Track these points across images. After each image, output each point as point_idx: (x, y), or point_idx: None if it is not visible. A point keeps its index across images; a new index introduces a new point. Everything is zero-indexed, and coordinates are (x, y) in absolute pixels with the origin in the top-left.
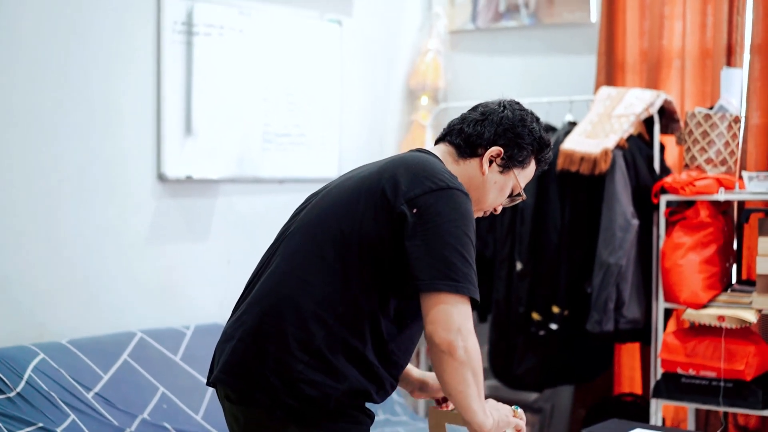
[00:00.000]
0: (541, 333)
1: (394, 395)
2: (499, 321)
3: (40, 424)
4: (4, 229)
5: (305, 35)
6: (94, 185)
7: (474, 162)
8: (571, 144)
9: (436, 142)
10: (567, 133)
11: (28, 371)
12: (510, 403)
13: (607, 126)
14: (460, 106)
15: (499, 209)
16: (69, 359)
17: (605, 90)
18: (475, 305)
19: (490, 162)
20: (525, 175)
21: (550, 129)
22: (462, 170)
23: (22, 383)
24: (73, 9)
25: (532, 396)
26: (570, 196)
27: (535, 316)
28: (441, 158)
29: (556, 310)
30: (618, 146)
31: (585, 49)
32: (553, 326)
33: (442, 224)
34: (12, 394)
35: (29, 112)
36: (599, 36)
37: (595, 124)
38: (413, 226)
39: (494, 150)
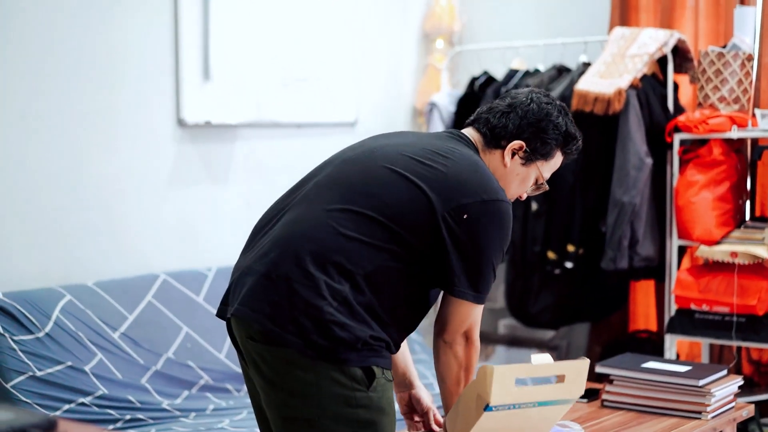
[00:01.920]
0: (557, 272)
1: (413, 334)
2: (516, 260)
3: (69, 363)
4: (29, 175)
5: None
6: (115, 131)
7: (497, 153)
8: (585, 84)
9: (465, 126)
10: (581, 73)
11: (56, 312)
12: (526, 342)
13: (621, 66)
14: (475, 48)
15: (524, 196)
16: (95, 300)
17: (619, 30)
18: None
19: (513, 154)
20: (550, 166)
21: (565, 70)
22: (487, 160)
23: (50, 324)
24: None
25: (549, 334)
26: (584, 136)
27: (551, 255)
28: (473, 143)
29: (571, 248)
30: (632, 86)
31: None
32: (569, 265)
33: (487, 239)
34: (41, 335)
35: (49, 58)
36: None
37: (609, 64)
38: (459, 233)
39: (516, 144)
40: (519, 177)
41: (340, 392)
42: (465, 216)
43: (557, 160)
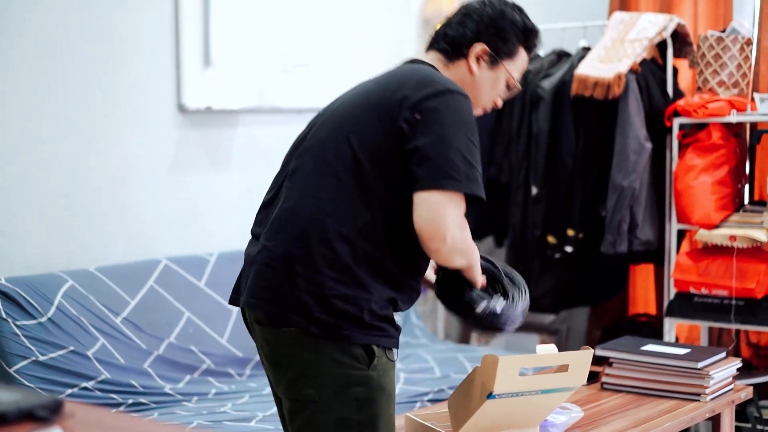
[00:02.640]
0: (557, 256)
1: (413, 319)
2: (516, 245)
3: (72, 348)
4: (30, 159)
5: None
6: (116, 116)
7: (462, 63)
8: (585, 69)
9: (426, 51)
10: (581, 58)
11: (58, 297)
12: (526, 326)
13: (621, 51)
14: None
15: (500, 103)
16: (97, 285)
17: (619, 15)
18: (480, 202)
19: (478, 60)
20: (516, 66)
21: (565, 55)
22: (453, 74)
23: (53, 309)
24: None
25: (549, 318)
26: (584, 121)
27: (551, 239)
28: (434, 66)
29: (571, 233)
30: (631, 70)
31: None
32: (568, 249)
33: (445, 128)
34: (43, 320)
35: (50, 44)
36: None
37: (609, 49)
38: (417, 129)
39: (478, 48)
40: (489, 82)
41: (340, 372)
42: (418, 115)
43: (522, 58)
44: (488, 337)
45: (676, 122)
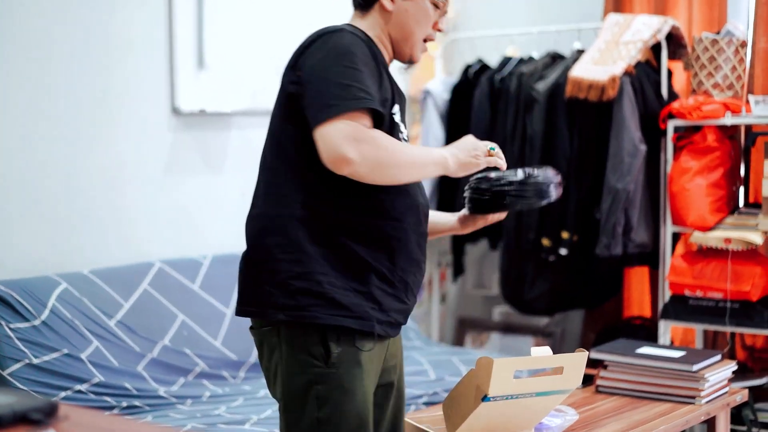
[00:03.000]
0: (551, 258)
1: (409, 322)
2: (510, 247)
3: (65, 351)
4: (24, 162)
5: None
6: (110, 118)
7: (376, 7)
8: (579, 71)
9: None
10: (575, 61)
11: (52, 300)
12: (521, 329)
13: (615, 53)
14: (469, 36)
15: (438, 30)
16: (91, 288)
17: (613, 17)
18: (377, 115)
19: None
20: None
21: (559, 57)
22: (370, 22)
23: (46, 311)
24: None
25: (543, 321)
26: (578, 123)
27: (545, 242)
28: (351, 23)
29: (565, 235)
30: (626, 73)
31: None
32: (563, 251)
33: (316, 68)
34: (37, 322)
35: (44, 47)
36: None
37: (603, 51)
38: (301, 85)
39: None
40: (413, 15)
41: (300, 371)
42: (299, 72)
43: None
44: (532, 204)
45: (671, 124)
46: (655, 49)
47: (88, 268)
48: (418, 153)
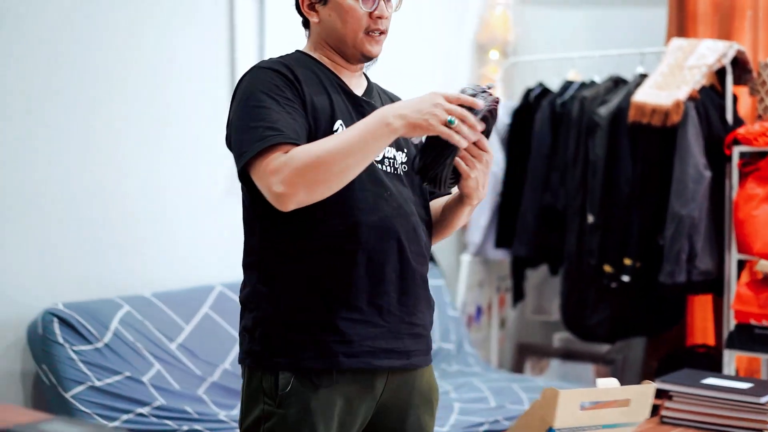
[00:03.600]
0: (613, 285)
1: (466, 347)
2: (571, 273)
3: (128, 373)
4: (89, 184)
5: None
6: (172, 142)
7: (311, 25)
8: (643, 96)
9: None
10: (638, 85)
11: (115, 322)
12: (581, 356)
13: (679, 77)
14: (530, 59)
15: (383, 13)
16: (152, 311)
17: (677, 41)
18: (284, 142)
19: (311, 8)
20: None
21: (621, 81)
22: (312, 40)
23: (109, 334)
24: None
25: (604, 348)
26: (641, 148)
27: (607, 268)
28: (301, 49)
29: (628, 262)
30: (690, 98)
31: (655, 0)
32: (625, 278)
33: (231, 121)
34: (100, 345)
35: (104, 69)
36: None
37: (667, 75)
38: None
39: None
40: (337, 17)
41: (255, 406)
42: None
43: None
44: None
45: (736, 150)
46: (720, 73)
47: (150, 290)
48: (350, 132)
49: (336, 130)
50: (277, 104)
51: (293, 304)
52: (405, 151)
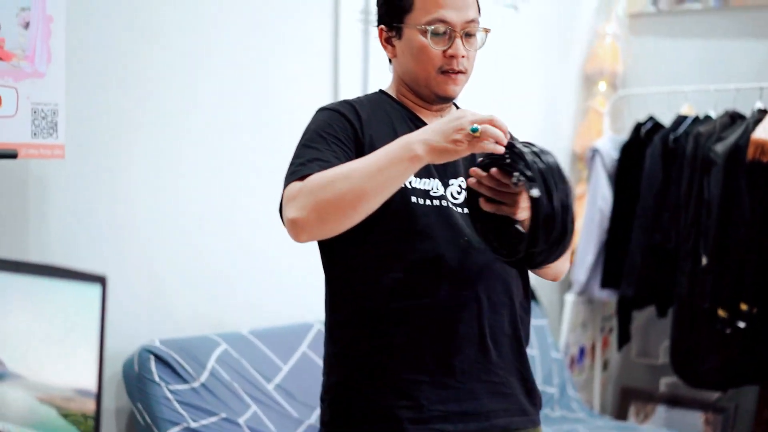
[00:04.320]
0: (728, 331)
1: (570, 391)
2: (682, 316)
3: (224, 415)
4: (183, 219)
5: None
6: (270, 176)
7: (392, 62)
8: (763, 133)
9: None
10: (757, 121)
11: (211, 361)
12: (689, 402)
13: None
14: (639, 92)
15: (458, 51)
16: (249, 349)
17: None
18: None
19: (387, 43)
20: (422, 10)
21: (738, 117)
22: (393, 78)
23: (206, 373)
24: (251, 2)
25: (714, 395)
26: (760, 188)
27: (721, 312)
28: (388, 85)
29: (744, 307)
30: None
31: None
32: (741, 324)
33: None
34: (196, 385)
35: (210, 106)
36: None
37: None
38: None
39: (378, 32)
40: (410, 54)
41: None
42: None
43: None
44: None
45: None
46: None
47: (247, 327)
48: (370, 157)
49: None
50: (324, 142)
51: (359, 369)
52: None
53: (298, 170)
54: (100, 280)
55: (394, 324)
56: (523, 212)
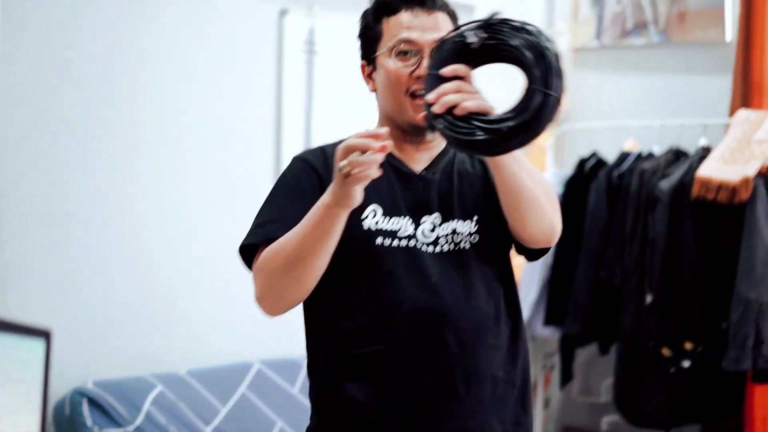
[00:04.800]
0: (672, 370)
1: None
2: (626, 355)
3: None
4: (122, 258)
5: None
6: (214, 211)
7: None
8: (708, 170)
9: None
10: (701, 158)
11: (147, 404)
12: None
13: (747, 152)
14: (583, 127)
15: (420, 71)
16: (187, 391)
17: (743, 113)
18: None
19: (368, 78)
20: (389, 35)
21: (682, 154)
22: (378, 105)
23: (141, 417)
24: (195, 32)
25: None
26: (706, 226)
27: (666, 351)
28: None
29: (689, 346)
30: (759, 173)
31: (719, 69)
32: (686, 364)
33: None
34: (130, 429)
35: (151, 138)
36: (735, 56)
37: (734, 149)
38: None
39: (361, 68)
40: (384, 81)
41: None
42: None
43: (390, 25)
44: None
45: None
46: None
47: (186, 367)
48: (304, 221)
49: (366, 217)
50: (286, 197)
51: (330, 415)
52: (475, 218)
53: (255, 233)
54: (44, 335)
55: (359, 371)
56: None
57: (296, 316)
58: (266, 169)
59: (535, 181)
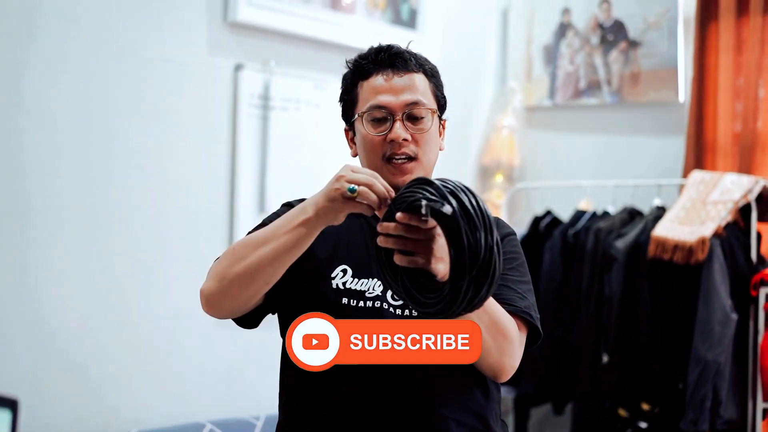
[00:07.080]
0: (628, 431)
1: None
2: (582, 415)
3: None
4: (74, 313)
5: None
6: (166, 267)
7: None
8: (663, 231)
9: None
10: (656, 218)
11: None
12: None
13: (702, 212)
14: (536, 186)
15: (403, 133)
16: None
17: (698, 174)
18: None
19: (352, 142)
20: (363, 99)
21: (637, 214)
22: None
23: None
24: (149, 83)
25: None
26: (662, 286)
27: (622, 412)
28: None
29: (646, 407)
30: (715, 234)
31: (672, 130)
32: (643, 425)
33: None
34: None
35: (102, 191)
36: (689, 117)
37: (689, 209)
38: None
39: (345, 133)
40: (361, 145)
41: None
42: None
43: (364, 89)
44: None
45: (763, 292)
46: (743, 209)
47: (135, 429)
48: (275, 223)
49: (335, 276)
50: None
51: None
52: None
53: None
54: (11, 404)
55: (318, 417)
56: (439, 264)
57: (244, 377)
58: (220, 223)
59: (485, 323)
